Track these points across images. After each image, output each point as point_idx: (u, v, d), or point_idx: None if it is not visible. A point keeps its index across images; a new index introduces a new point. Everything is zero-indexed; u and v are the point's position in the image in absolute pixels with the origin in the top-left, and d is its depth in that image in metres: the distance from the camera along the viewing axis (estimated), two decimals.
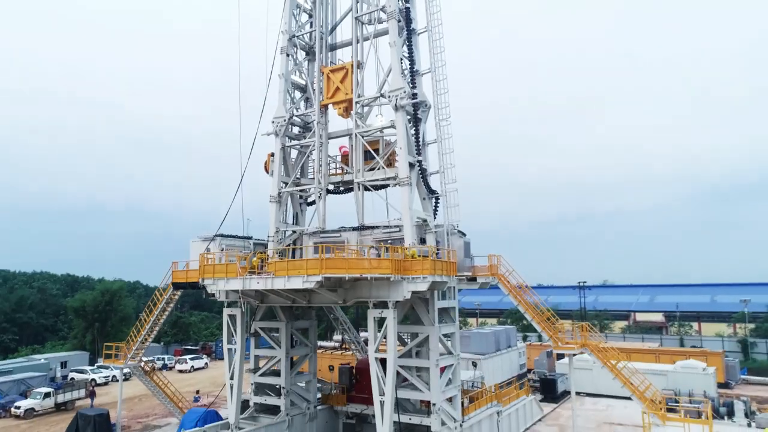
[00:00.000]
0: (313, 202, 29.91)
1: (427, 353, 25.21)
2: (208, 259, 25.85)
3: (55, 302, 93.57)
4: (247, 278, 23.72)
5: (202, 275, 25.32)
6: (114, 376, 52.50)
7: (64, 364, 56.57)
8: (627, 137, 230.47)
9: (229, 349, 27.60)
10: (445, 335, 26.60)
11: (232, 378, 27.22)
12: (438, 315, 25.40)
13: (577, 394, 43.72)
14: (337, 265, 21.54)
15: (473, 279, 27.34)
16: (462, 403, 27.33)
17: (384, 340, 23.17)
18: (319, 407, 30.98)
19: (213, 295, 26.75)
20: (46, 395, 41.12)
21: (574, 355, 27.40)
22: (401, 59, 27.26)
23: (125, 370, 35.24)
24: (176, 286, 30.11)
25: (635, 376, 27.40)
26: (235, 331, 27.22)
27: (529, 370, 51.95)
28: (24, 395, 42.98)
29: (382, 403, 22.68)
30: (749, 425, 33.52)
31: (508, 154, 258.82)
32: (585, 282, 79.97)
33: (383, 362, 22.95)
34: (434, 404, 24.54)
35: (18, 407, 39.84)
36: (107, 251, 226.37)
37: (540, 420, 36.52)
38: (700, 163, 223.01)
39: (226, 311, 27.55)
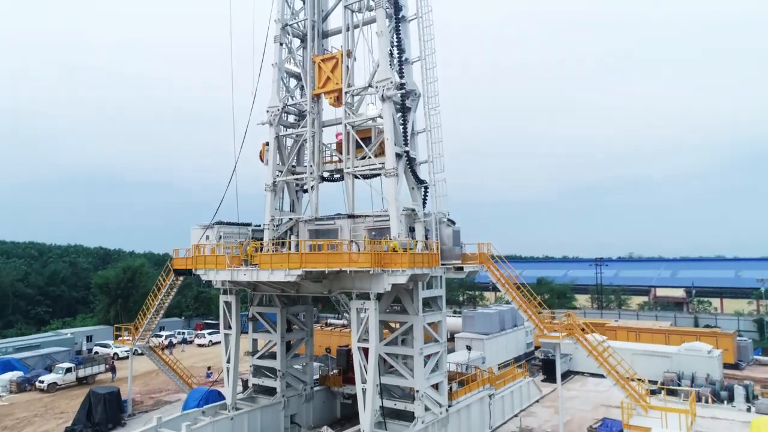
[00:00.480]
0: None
1: (412, 341, 25.77)
2: (200, 249, 26.73)
3: (86, 276, 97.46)
4: (234, 270, 24.52)
5: (194, 265, 26.27)
6: (136, 350, 54.78)
7: (89, 338, 59.45)
8: (660, 104, 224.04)
9: (226, 335, 28.72)
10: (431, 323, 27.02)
11: (229, 362, 28.44)
12: (424, 304, 25.85)
13: (581, 374, 44.27)
14: (317, 260, 22.09)
15: (461, 268, 27.55)
16: (450, 388, 27.95)
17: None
18: (316, 388, 32.01)
19: (210, 282, 27.78)
20: (68, 370, 43.43)
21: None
22: (390, 48, 27.14)
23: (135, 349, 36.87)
24: (177, 272, 31.24)
25: (623, 362, 27.48)
26: (231, 317, 28.26)
27: (536, 348, 52.30)
28: (49, 369, 45.47)
29: (364, 391, 23.45)
30: (749, 410, 33.32)
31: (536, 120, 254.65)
32: (602, 258, 79.44)
33: (367, 351, 23.63)
34: (418, 391, 25.20)
35: (42, 381, 42.27)
36: (140, 224, 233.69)
37: (538, 401, 36.93)
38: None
39: (222, 298, 28.58)
